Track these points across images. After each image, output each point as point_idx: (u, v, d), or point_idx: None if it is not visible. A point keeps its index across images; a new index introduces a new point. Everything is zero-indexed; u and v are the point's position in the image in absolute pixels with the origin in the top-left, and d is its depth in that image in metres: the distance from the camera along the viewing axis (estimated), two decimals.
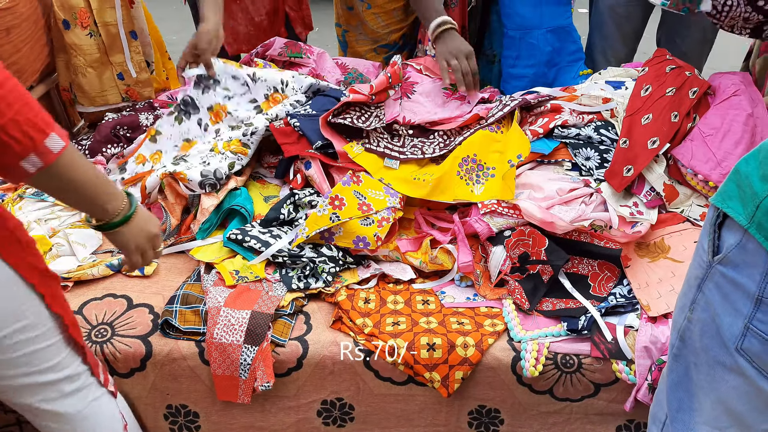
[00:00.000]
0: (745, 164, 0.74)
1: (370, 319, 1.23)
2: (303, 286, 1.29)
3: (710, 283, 0.79)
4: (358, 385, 1.23)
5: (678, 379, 0.88)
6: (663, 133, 1.42)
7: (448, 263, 1.34)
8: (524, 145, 1.47)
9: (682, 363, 0.87)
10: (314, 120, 1.53)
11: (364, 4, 2.03)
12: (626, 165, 1.38)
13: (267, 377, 1.16)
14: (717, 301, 0.78)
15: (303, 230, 1.34)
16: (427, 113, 1.62)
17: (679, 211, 1.40)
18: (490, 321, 1.24)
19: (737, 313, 0.75)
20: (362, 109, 1.57)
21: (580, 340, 1.20)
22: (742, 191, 0.73)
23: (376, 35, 2.09)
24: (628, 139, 1.43)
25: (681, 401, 0.88)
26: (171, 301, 1.25)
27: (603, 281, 1.30)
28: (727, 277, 0.76)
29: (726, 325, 0.76)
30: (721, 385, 0.80)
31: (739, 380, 0.77)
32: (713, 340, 0.79)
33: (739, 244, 0.73)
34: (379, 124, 1.54)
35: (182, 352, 1.20)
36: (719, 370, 0.79)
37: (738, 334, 0.75)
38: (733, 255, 0.75)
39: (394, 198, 1.40)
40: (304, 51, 1.91)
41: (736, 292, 0.75)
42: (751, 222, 0.71)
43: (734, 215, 0.73)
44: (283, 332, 1.21)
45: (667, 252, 1.32)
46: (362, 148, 1.50)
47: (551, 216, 1.29)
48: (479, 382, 1.21)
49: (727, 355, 0.77)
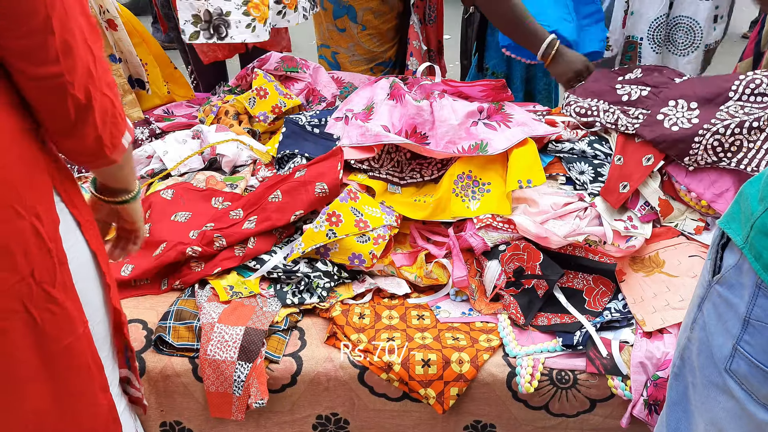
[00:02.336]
0: (749, 186, 0.74)
1: (365, 334, 1.22)
2: (297, 302, 1.28)
3: (708, 302, 0.79)
4: (353, 401, 1.22)
5: (677, 399, 0.87)
6: (658, 150, 1.42)
7: (443, 278, 1.34)
8: (538, 173, 1.42)
9: (681, 382, 0.86)
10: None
11: (358, 26, 2.05)
12: (622, 182, 1.39)
13: (261, 394, 1.16)
14: (712, 321, 0.77)
15: (299, 246, 1.34)
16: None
17: (673, 225, 1.41)
18: (485, 336, 1.23)
19: (728, 333, 0.74)
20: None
21: (576, 356, 1.19)
22: (743, 213, 0.73)
23: (371, 54, 2.11)
24: (623, 156, 1.43)
25: (679, 421, 0.87)
26: (165, 316, 1.24)
27: (598, 296, 1.30)
28: (722, 297, 0.75)
29: (717, 345, 0.76)
30: (714, 407, 0.79)
31: (730, 402, 0.76)
32: (708, 360, 0.79)
33: (736, 264, 0.73)
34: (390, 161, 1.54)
35: (176, 368, 1.20)
36: (713, 390, 0.79)
37: (727, 355, 0.74)
38: (729, 275, 0.74)
39: (391, 216, 1.40)
40: (300, 65, 1.93)
41: (729, 312, 0.74)
42: (745, 242, 0.71)
43: (733, 236, 0.73)
44: (277, 348, 1.21)
45: (661, 266, 1.32)
46: (366, 176, 1.50)
47: (546, 231, 1.29)
48: (474, 398, 1.20)
49: (718, 376, 0.77)
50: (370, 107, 1.62)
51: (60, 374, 0.86)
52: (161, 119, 1.88)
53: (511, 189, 1.39)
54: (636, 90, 1.52)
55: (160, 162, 1.65)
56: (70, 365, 0.87)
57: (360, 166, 1.50)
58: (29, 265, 0.78)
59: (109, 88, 0.80)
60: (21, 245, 0.77)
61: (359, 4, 2.00)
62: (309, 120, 1.66)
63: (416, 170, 1.54)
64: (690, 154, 1.38)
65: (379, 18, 2.04)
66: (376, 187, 1.46)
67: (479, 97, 1.63)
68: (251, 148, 1.68)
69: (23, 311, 0.79)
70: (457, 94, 1.65)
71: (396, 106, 1.58)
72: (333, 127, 1.63)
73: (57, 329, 0.83)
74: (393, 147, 1.54)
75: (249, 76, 1.92)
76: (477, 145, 1.46)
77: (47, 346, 0.83)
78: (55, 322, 0.83)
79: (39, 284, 0.79)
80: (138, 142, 1.77)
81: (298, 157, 1.56)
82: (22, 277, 0.77)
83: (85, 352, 0.89)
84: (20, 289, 0.78)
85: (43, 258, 0.80)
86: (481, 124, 1.51)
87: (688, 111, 1.41)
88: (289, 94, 1.83)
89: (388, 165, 1.53)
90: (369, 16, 2.03)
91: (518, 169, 1.41)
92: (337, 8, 2.04)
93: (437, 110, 1.51)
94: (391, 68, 2.17)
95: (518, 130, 1.50)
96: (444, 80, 1.70)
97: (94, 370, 0.92)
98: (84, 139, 0.80)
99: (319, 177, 1.41)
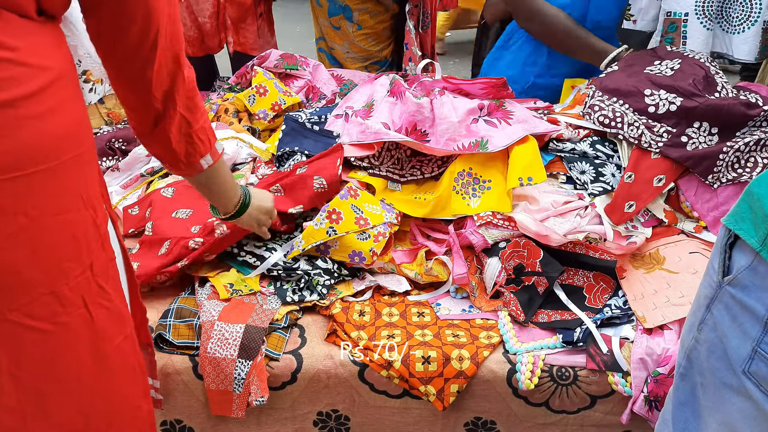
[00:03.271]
0: (758, 185, 0.73)
1: (365, 331, 1.22)
2: (298, 299, 1.28)
3: (719, 303, 0.78)
4: (354, 398, 1.22)
5: (684, 399, 0.87)
6: (671, 171, 1.40)
7: (443, 275, 1.34)
8: (539, 171, 1.41)
9: (688, 383, 0.86)
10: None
11: (354, 26, 2.05)
12: (629, 201, 1.37)
13: (261, 392, 1.16)
14: (725, 322, 0.77)
15: (299, 243, 1.33)
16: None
17: (673, 224, 1.41)
18: (485, 333, 1.23)
19: (745, 335, 0.73)
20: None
21: (576, 352, 1.19)
22: (755, 213, 0.72)
23: (366, 53, 2.12)
24: (634, 173, 1.40)
25: (687, 421, 0.87)
26: (165, 315, 1.24)
27: (598, 293, 1.30)
28: (736, 299, 0.75)
29: (734, 348, 0.75)
30: (727, 407, 0.78)
31: (746, 403, 0.76)
32: (720, 361, 0.78)
33: (750, 266, 0.72)
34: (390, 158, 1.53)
35: (176, 366, 1.20)
36: (726, 392, 0.78)
37: (746, 357, 0.74)
38: (743, 277, 0.74)
39: (391, 213, 1.40)
40: (300, 63, 1.92)
41: (745, 314, 0.73)
42: (763, 245, 0.70)
43: (746, 237, 0.72)
44: (277, 346, 1.21)
45: (662, 263, 1.32)
46: (366, 173, 1.50)
47: (546, 229, 1.29)
48: (475, 395, 1.20)
49: (733, 378, 0.76)
50: (370, 104, 1.62)
51: (110, 376, 0.84)
52: None
53: (511, 186, 1.39)
54: (665, 102, 1.43)
55: None
56: (119, 366, 0.86)
57: (360, 164, 1.50)
58: (90, 257, 0.78)
59: (190, 111, 0.90)
60: (85, 236, 0.77)
61: (355, 4, 2.00)
62: (309, 117, 1.66)
63: (416, 167, 1.54)
64: (714, 171, 1.38)
65: (375, 18, 2.05)
66: (376, 185, 1.46)
67: (480, 94, 1.63)
68: (251, 145, 1.68)
69: (83, 306, 0.78)
70: (458, 91, 1.64)
71: (396, 104, 1.57)
72: (333, 125, 1.63)
73: (109, 327, 0.83)
74: (393, 144, 1.54)
75: (249, 74, 1.92)
76: (477, 143, 1.46)
77: (100, 345, 0.82)
78: (109, 320, 0.82)
79: (95, 278, 0.79)
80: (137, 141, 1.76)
81: (298, 154, 1.56)
82: (83, 269, 0.77)
83: (132, 354, 0.89)
84: (81, 282, 0.77)
85: (99, 252, 0.80)
86: (481, 121, 1.51)
87: (709, 136, 1.41)
88: (288, 92, 1.83)
89: (388, 162, 1.53)
90: (365, 15, 2.03)
91: (519, 167, 1.41)
92: (332, 6, 2.04)
93: (437, 107, 1.50)
94: (387, 68, 2.18)
95: (519, 128, 1.50)
96: (444, 77, 1.70)
97: (138, 373, 0.91)
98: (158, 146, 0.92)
99: (318, 172, 1.41)
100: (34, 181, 0.70)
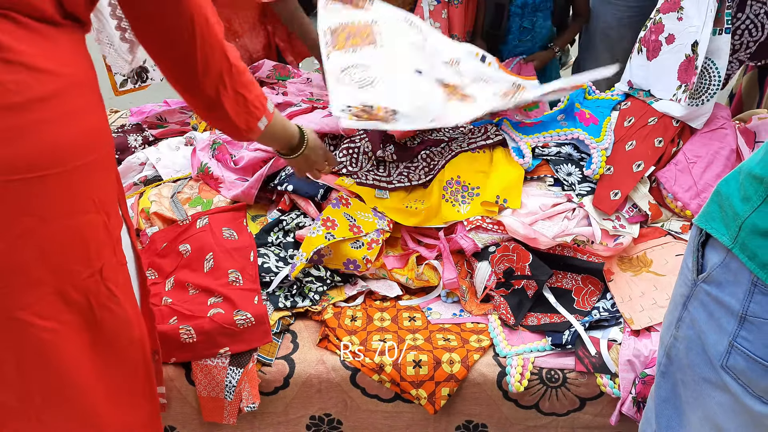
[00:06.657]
0: (726, 185, 0.75)
1: (357, 336, 1.24)
2: (290, 305, 1.29)
3: (695, 301, 0.80)
4: (346, 402, 1.23)
5: (666, 396, 0.89)
6: (648, 156, 1.44)
7: (434, 279, 1.35)
8: (516, 198, 1.41)
9: (669, 380, 0.88)
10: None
11: None
12: (612, 189, 1.41)
13: (253, 398, 1.17)
14: (702, 318, 0.79)
15: (300, 257, 1.31)
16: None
17: (659, 225, 1.42)
18: (476, 337, 1.25)
19: (722, 330, 0.75)
20: (350, 150, 1.55)
21: (565, 355, 1.21)
22: (724, 212, 0.74)
23: None
24: (613, 166, 1.45)
25: (670, 418, 0.88)
26: None
27: (587, 295, 1.31)
28: (711, 296, 0.77)
29: (711, 343, 0.77)
30: (707, 402, 0.80)
31: (725, 397, 0.78)
32: (699, 357, 0.80)
33: (723, 263, 0.74)
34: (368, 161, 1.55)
35: (169, 373, 1.20)
36: (705, 387, 0.80)
37: (723, 352, 0.76)
38: (716, 274, 0.76)
39: (383, 221, 1.41)
40: (292, 74, 1.94)
41: (720, 310, 0.75)
42: (734, 242, 0.72)
43: (718, 236, 0.74)
44: (269, 351, 1.22)
45: (649, 266, 1.34)
46: (353, 180, 1.51)
47: (534, 233, 1.31)
48: (466, 398, 1.21)
49: (712, 372, 0.78)
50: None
51: (110, 376, 0.85)
52: (154, 126, 1.89)
53: (487, 199, 1.41)
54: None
55: (153, 169, 1.67)
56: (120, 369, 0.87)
57: (343, 173, 1.51)
58: (100, 260, 0.79)
59: (244, 87, 0.98)
60: (95, 239, 0.78)
61: None
62: None
63: (404, 174, 1.55)
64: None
65: None
66: (364, 194, 1.47)
67: None
68: None
69: (86, 308, 0.79)
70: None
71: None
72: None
73: (113, 330, 0.84)
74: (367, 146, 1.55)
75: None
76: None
77: (101, 346, 0.83)
78: (113, 323, 0.83)
79: (104, 281, 0.80)
80: (131, 150, 1.78)
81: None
82: (92, 272, 0.78)
83: (137, 358, 0.89)
84: (90, 284, 0.78)
85: (110, 256, 0.81)
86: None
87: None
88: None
89: (367, 165, 1.54)
90: None
91: (499, 186, 1.43)
92: None
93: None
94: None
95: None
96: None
97: (142, 377, 0.92)
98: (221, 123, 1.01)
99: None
100: (46, 183, 0.71)
